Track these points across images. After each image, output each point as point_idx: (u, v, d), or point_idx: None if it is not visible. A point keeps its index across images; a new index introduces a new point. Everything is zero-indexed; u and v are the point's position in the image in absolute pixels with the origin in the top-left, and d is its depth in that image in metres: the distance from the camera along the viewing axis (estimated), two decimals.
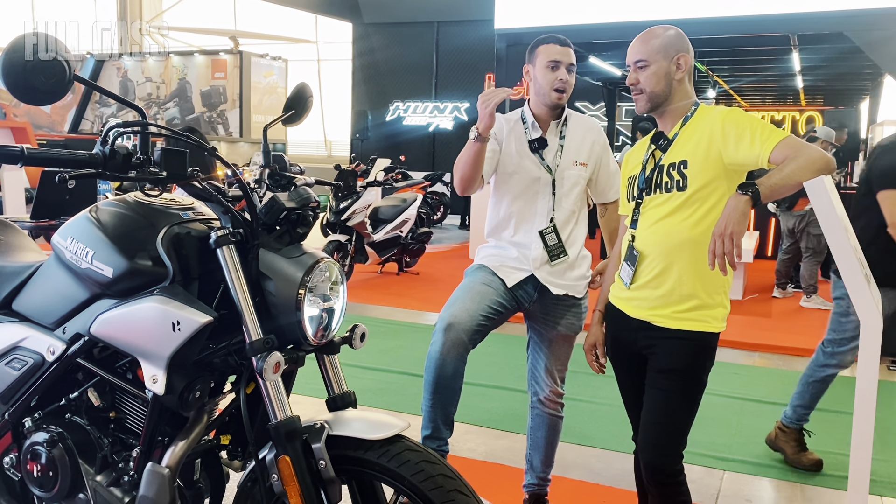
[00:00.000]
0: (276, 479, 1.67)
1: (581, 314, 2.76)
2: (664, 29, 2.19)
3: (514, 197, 2.64)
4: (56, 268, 1.94)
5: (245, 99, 16.98)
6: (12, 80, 1.51)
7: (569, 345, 2.79)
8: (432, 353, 2.45)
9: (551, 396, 2.82)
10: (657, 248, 2.17)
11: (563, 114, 2.68)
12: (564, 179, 2.64)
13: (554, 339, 2.75)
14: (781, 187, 1.93)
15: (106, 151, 1.62)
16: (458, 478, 1.64)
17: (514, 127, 2.67)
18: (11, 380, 1.98)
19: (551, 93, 2.59)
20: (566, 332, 2.74)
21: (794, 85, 11.40)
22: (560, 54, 2.59)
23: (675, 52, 2.16)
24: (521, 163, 2.62)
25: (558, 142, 2.66)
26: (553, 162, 2.64)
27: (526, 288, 2.64)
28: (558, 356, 2.79)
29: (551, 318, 2.71)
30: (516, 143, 2.64)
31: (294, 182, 1.98)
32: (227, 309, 1.74)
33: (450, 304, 2.53)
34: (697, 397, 2.19)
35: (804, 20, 6.95)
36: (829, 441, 3.87)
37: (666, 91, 2.17)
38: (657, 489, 2.20)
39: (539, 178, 2.63)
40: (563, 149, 2.66)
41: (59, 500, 1.91)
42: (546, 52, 2.59)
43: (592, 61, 9.42)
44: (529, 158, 2.63)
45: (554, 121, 2.67)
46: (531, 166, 2.63)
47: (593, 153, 2.70)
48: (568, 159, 2.65)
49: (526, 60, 2.67)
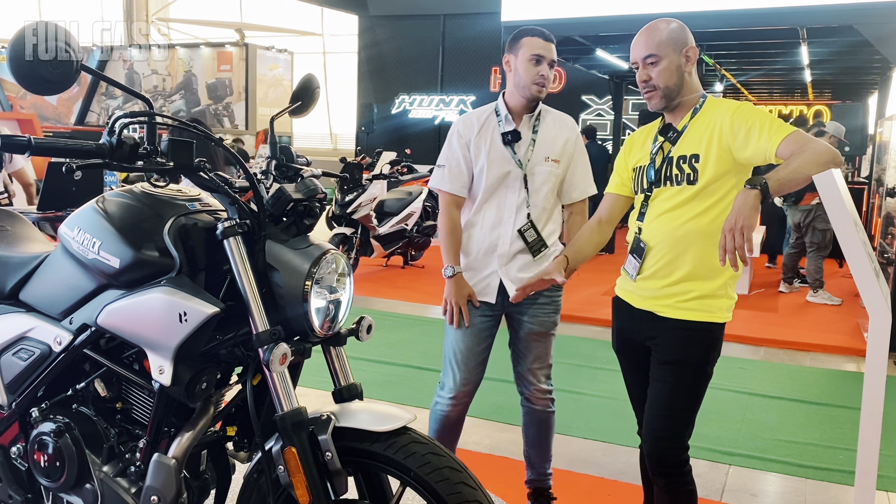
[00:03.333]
0: (283, 471, 1.67)
1: (555, 310, 2.74)
2: (666, 22, 2.17)
3: (486, 192, 2.63)
4: (63, 258, 1.94)
5: (251, 91, 16.96)
6: (20, 70, 1.51)
7: (546, 342, 2.74)
8: (438, 412, 2.73)
9: (537, 395, 2.78)
10: (664, 238, 2.16)
11: (537, 107, 2.66)
12: (535, 175, 2.63)
13: (529, 338, 2.71)
14: (789, 181, 1.92)
15: (113, 141, 1.62)
16: (465, 470, 1.64)
17: (486, 122, 2.65)
18: (19, 370, 1.98)
19: (531, 86, 2.57)
20: (540, 329, 2.70)
21: (803, 79, 11.32)
22: (544, 49, 2.57)
23: (683, 44, 2.15)
24: (491, 157, 2.61)
25: (531, 136, 2.64)
26: (524, 156, 2.62)
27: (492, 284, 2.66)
28: (537, 355, 2.74)
29: (525, 316, 2.69)
30: (488, 137, 2.63)
31: (301, 173, 1.97)
32: (234, 300, 1.73)
33: (448, 370, 2.71)
34: (702, 388, 2.18)
35: (813, 13, 6.90)
36: (835, 436, 3.86)
37: (679, 84, 2.16)
38: (662, 480, 2.20)
39: (510, 171, 2.62)
40: (535, 143, 2.64)
41: (65, 491, 1.91)
42: (530, 45, 2.57)
43: (599, 54, 9.36)
44: (501, 152, 2.62)
45: (527, 114, 2.66)
46: (502, 161, 2.61)
47: (566, 151, 2.69)
48: (539, 154, 2.63)
49: (506, 49, 2.65)
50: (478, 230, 2.66)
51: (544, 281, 2.34)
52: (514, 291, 2.60)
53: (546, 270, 2.35)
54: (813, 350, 5.61)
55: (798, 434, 3.89)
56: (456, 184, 2.66)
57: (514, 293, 2.50)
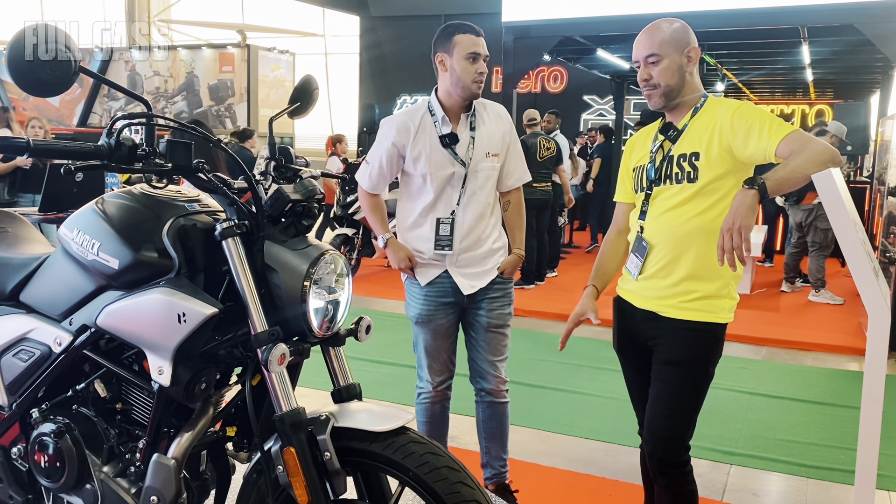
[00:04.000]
0: (282, 471, 1.67)
1: (509, 303, 2.76)
2: (669, 22, 2.18)
3: (430, 194, 2.64)
4: (63, 260, 1.95)
5: (253, 93, 16.98)
6: (18, 72, 1.52)
7: (501, 335, 2.75)
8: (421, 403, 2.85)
9: (499, 386, 2.79)
10: (666, 238, 2.16)
11: (472, 105, 2.66)
12: (478, 172, 2.64)
13: (487, 331, 2.73)
14: (787, 181, 1.92)
15: (112, 143, 1.62)
16: (463, 469, 1.64)
17: (421, 124, 2.64)
18: (19, 371, 1.99)
19: (471, 85, 2.57)
20: (497, 321, 2.72)
21: (804, 78, 11.32)
22: (478, 45, 2.57)
23: (685, 44, 2.15)
24: (433, 162, 2.62)
25: (469, 134, 2.64)
26: (466, 155, 2.63)
27: (448, 287, 2.70)
28: (494, 348, 2.75)
29: (482, 310, 2.72)
30: (426, 141, 2.62)
31: (299, 174, 1.97)
32: (233, 301, 1.74)
33: (422, 364, 2.82)
34: (703, 389, 2.18)
35: (814, 12, 6.90)
36: (837, 435, 3.86)
37: (680, 84, 2.16)
38: (663, 480, 2.20)
39: (454, 172, 2.63)
40: (474, 140, 2.64)
41: (66, 491, 1.92)
42: (464, 43, 2.56)
43: (600, 54, 9.37)
44: (442, 155, 2.62)
45: (464, 113, 2.65)
46: (445, 162, 2.62)
47: (504, 143, 2.71)
48: (481, 151, 2.64)
49: (436, 48, 2.63)
50: (426, 230, 2.68)
51: (581, 319, 2.34)
52: (466, 289, 2.67)
53: (580, 312, 2.33)
54: (815, 349, 5.61)
55: (800, 434, 3.88)
56: (377, 184, 2.74)
57: (468, 290, 2.66)
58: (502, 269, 2.72)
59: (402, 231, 2.77)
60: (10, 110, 7.41)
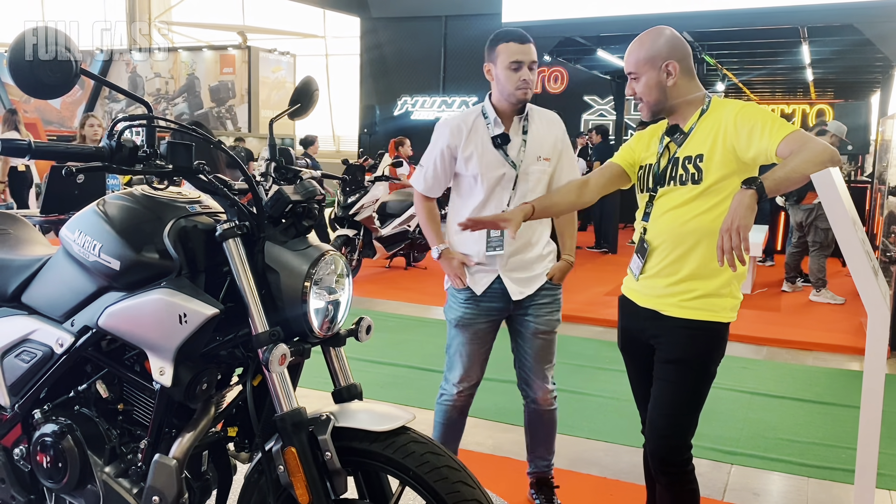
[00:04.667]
0: (283, 471, 1.68)
1: (557, 308, 2.77)
2: (653, 36, 2.17)
3: (480, 195, 2.64)
4: (64, 261, 1.96)
5: (253, 94, 17.01)
6: (19, 75, 1.52)
7: (549, 341, 2.75)
8: (443, 403, 2.79)
9: (545, 396, 2.80)
10: (668, 237, 2.17)
11: (525, 109, 2.67)
12: (529, 175, 2.64)
13: (535, 337, 2.73)
14: (786, 181, 1.92)
15: (112, 145, 1.63)
16: (463, 469, 1.65)
17: (473, 126, 2.65)
18: (21, 372, 2.00)
19: (515, 93, 2.57)
20: (545, 327, 2.72)
21: (804, 78, 11.33)
22: (521, 54, 2.55)
23: (663, 60, 2.14)
24: (485, 162, 2.62)
25: (521, 137, 2.65)
26: (517, 157, 2.63)
27: (497, 291, 2.67)
28: (543, 355, 2.75)
29: (529, 316, 2.71)
30: (479, 142, 2.63)
31: (300, 175, 1.98)
32: (234, 301, 1.74)
33: (452, 365, 2.76)
34: (705, 388, 2.19)
35: (814, 12, 6.90)
36: (836, 435, 3.86)
37: (661, 98, 2.17)
38: (665, 479, 2.21)
39: (504, 174, 2.63)
40: (526, 144, 2.65)
41: (68, 492, 1.92)
42: (507, 52, 2.55)
43: (600, 55, 9.38)
44: (493, 156, 2.62)
45: (516, 116, 2.66)
46: (495, 163, 2.62)
47: (556, 149, 2.71)
48: (532, 154, 2.64)
49: (485, 58, 2.64)
50: (477, 233, 2.67)
51: (498, 222, 2.24)
52: (515, 294, 2.65)
53: (504, 215, 2.25)
54: (816, 349, 5.61)
55: (800, 433, 3.88)
56: (432, 186, 2.73)
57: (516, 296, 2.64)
58: (551, 275, 2.72)
59: (451, 234, 2.75)
60: (18, 113, 7.45)
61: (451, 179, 2.72)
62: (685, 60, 2.17)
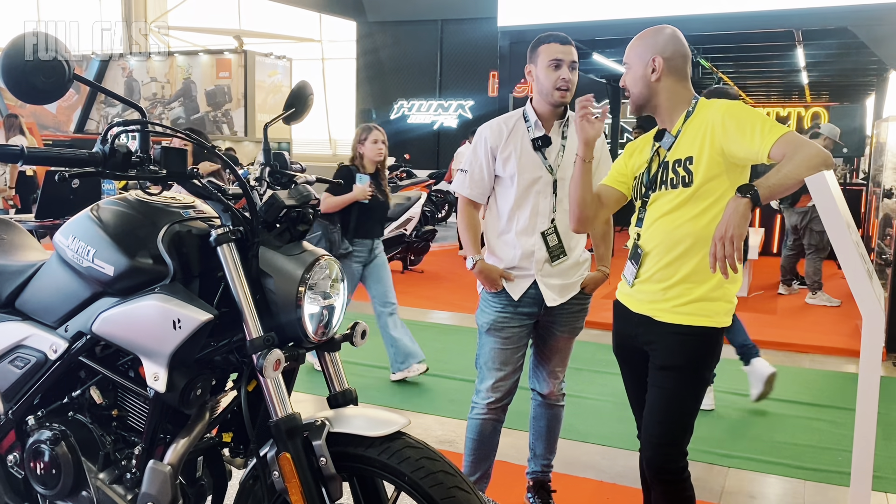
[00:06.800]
0: (278, 476, 1.67)
1: (583, 316, 2.79)
2: (654, 31, 2.18)
3: (516, 199, 2.64)
4: (58, 266, 1.95)
5: (250, 98, 16.99)
6: (12, 80, 1.52)
7: (570, 344, 2.83)
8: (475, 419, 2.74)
9: (555, 393, 2.86)
10: (661, 241, 2.16)
11: (566, 113, 2.67)
12: (567, 180, 2.63)
13: (558, 342, 2.77)
14: (780, 187, 1.92)
15: (106, 150, 1.63)
16: (459, 474, 1.64)
17: (514, 128, 2.65)
18: (14, 378, 1.99)
19: (554, 92, 2.58)
20: (570, 334, 2.78)
21: (799, 81, 11.37)
22: (562, 53, 2.57)
23: (650, 54, 2.15)
24: (522, 164, 2.62)
25: (560, 141, 2.65)
26: (555, 162, 2.63)
27: (531, 296, 2.65)
28: (561, 358, 2.83)
29: (557, 324, 2.73)
30: (518, 143, 2.63)
31: (294, 180, 1.98)
32: (228, 307, 1.74)
33: (484, 375, 2.71)
34: (700, 394, 2.18)
35: (808, 15, 6.93)
36: (834, 438, 3.86)
37: (644, 93, 2.17)
38: (661, 486, 2.20)
39: (540, 177, 2.62)
40: (564, 148, 2.65)
41: (62, 498, 1.91)
42: (547, 52, 2.58)
43: (596, 58, 9.40)
44: (531, 158, 2.62)
45: (557, 120, 2.66)
46: (533, 166, 2.62)
47: (595, 156, 2.70)
48: (570, 159, 2.63)
49: (528, 60, 2.66)
50: (511, 237, 2.66)
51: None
52: (550, 301, 2.64)
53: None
54: (812, 352, 5.61)
55: (797, 436, 3.88)
56: (476, 190, 2.71)
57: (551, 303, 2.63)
58: (585, 285, 2.72)
59: (490, 239, 2.74)
60: (19, 117, 7.41)
61: (492, 182, 2.70)
62: (674, 60, 2.16)
